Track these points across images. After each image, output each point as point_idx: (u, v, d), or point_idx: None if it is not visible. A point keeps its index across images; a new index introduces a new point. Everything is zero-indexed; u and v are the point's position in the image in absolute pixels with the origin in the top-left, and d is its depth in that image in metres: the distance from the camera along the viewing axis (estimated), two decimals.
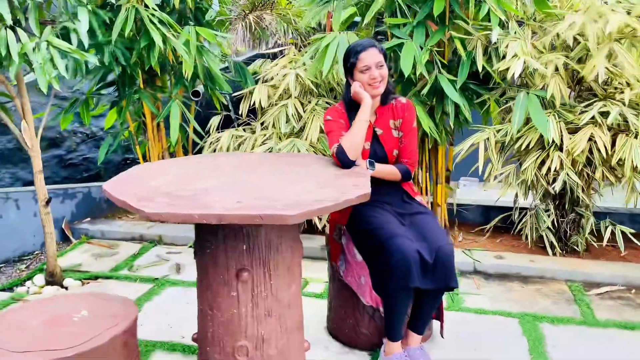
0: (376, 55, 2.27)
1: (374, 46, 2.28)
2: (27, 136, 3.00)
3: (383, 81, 2.30)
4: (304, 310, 2.12)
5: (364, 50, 2.26)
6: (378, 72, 2.27)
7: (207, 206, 1.64)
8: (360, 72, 2.27)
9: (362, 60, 2.25)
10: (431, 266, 2.17)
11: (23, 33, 2.46)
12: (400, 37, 3.13)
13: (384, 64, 2.30)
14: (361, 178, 2.02)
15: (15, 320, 1.70)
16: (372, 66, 2.25)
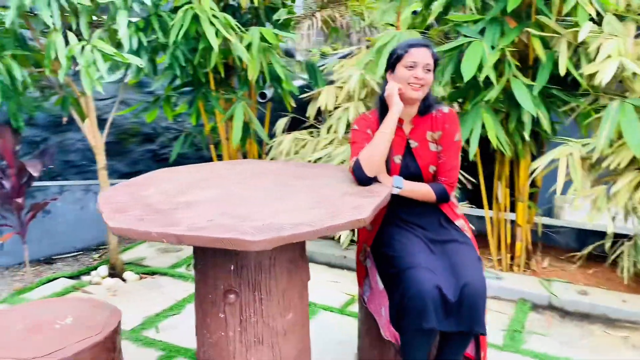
0: (427, 57, 1.99)
1: (428, 47, 2.01)
2: (90, 134, 3.15)
3: (425, 87, 2.01)
4: (343, 331, 1.94)
5: (416, 46, 2.00)
6: (424, 74, 1.99)
7: (174, 223, 1.53)
8: (403, 67, 1.99)
9: (411, 55, 1.98)
10: (454, 305, 1.85)
11: (73, 36, 2.56)
12: (468, 35, 2.78)
13: (432, 70, 2.02)
14: (369, 199, 1.78)
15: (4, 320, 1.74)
16: (419, 65, 1.98)
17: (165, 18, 3.15)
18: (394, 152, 2.09)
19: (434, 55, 2.01)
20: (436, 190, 2.07)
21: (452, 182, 2.09)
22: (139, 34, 3.07)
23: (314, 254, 3.64)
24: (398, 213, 2.14)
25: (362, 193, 1.86)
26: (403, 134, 2.10)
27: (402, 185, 2.04)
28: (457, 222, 2.14)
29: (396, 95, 2.00)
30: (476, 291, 1.85)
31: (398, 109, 1.99)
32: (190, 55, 3.33)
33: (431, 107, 2.09)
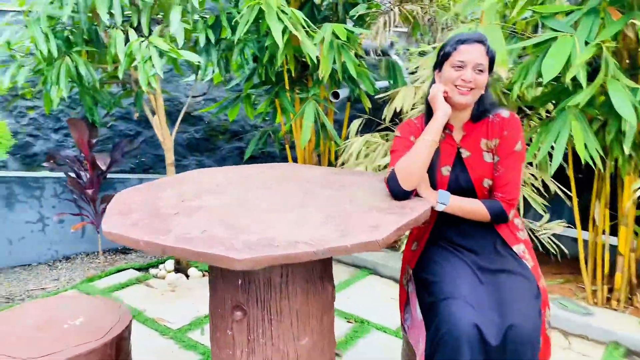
0: (479, 55, 1.69)
1: (482, 44, 1.71)
2: (159, 131, 3.18)
3: (476, 90, 1.72)
4: (392, 356, 1.73)
5: (467, 42, 1.70)
6: (473, 75, 1.70)
7: (165, 232, 1.41)
8: (451, 67, 1.72)
9: (460, 53, 1.70)
10: (496, 350, 1.55)
11: (133, 33, 2.57)
12: (557, 29, 2.38)
13: (486, 70, 1.72)
14: (396, 217, 1.53)
15: (11, 320, 1.74)
16: (468, 65, 1.69)
17: (235, 15, 3.09)
18: (442, 162, 1.81)
19: (489, 52, 1.70)
20: (491, 207, 1.76)
21: (510, 199, 1.76)
22: (208, 31, 3.04)
23: (377, 266, 3.40)
24: (445, 233, 1.86)
25: (392, 209, 1.61)
26: (453, 142, 1.81)
27: (449, 201, 1.75)
28: (515, 247, 1.80)
29: (440, 97, 1.72)
30: (524, 336, 1.53)
31: (443, 113, 1.71)
32: (261, 54, 3.25)
33: (487, 112, 1.77)
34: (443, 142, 1.81)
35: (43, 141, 4.34)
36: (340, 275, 3.40)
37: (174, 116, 5.03)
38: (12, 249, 3.69)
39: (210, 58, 3.17)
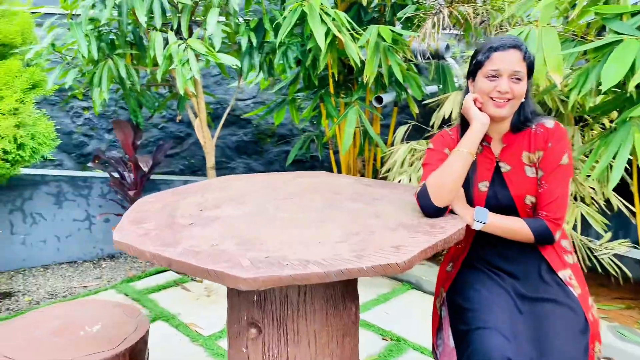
0: (515, 62, 1.53)
1: (518, 48, 1.55)
2: (200, 134, 3.17)
3: (514, 100, 1.56)
4: None
5: (501, 49, 1.55)
6: (509, 85, 1.54)
7: (174, 244, 1.34)
8: (484, 77, 1.57)
9: (493, 62, 1.55)
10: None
11: (173, 36, 2.56)
12: (621, 32, 2.15)
13: (524, 78, 1.55)
14: (424, 237, 1.40)
15: (33, 322, 1.74)
16: (503, 74, 1.54)
17: (278, 17, 3.03)
18: (480, 177, 1.65)
19: (527, 57, 1.54)
20: (534, 227, 1.58)
21: (556, 218, 1.58)
22: (250, 34, 2.99)
23: (421, 281, 3.23)
24: (484, 255, 1.70)
25: (421, 227, 1.48)
26: (492, 156, 1.65)
27: (487, 218, 1.60)
28: (561, 272, 1.62)
29: (473, 107, 1.57)
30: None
31: (480, 124, 1.56)
32: (304, 57, 3.18)
33: (529, 121, 1.61)
34: (480, 155, 1.66)
35: (97, 141, 4.45)
36: (380, 288, 3.26)
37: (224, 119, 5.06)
38: (59, 246, 3.80)
39: (253, 61, 3.13)
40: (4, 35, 2.66)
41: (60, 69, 2.71)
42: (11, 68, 2.63)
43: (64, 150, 4.29)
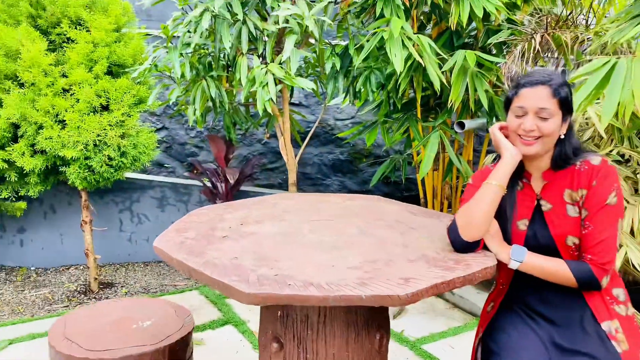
0: (542, 99, 1.46)
1: (546, 84, 1.47)
2: (284, 151, 3.33)
3: (545, 138, 1.47)
4: None
5: (528, 86, 1.49)
6: (535, 122, 1.47)
7: (201, 254, 1.46)
8: (512, 114, 1.53)
9: (520, 99, 1.50)
10: None
11: (257, 60, 2.74)
12: None
13: (554, 115, 1.47)
14: (440, 272, 1.37)
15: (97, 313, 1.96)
16: (529, 111, 1.47)
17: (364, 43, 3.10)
18: (519, 215, 1.58)
19: (557, 94, 1.44)
20: (577, 270, 1.47)
21: (603, 263, 1.45)
22: (334, 59, 3.10)
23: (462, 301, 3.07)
24: (524, 297, 1.62)
25: (444, 262, 1.46)
26: (532, 193, 1.57)
27: (524, 257, 1.51)
28: (605, 324, 1.48)
29: (502, 138, 1.52)
30: None
31: (510, 155, 1.50)
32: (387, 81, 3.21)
33: (571, 159, 1.50)
34: (520, 192, 1.58)
35: (206, 152, 4.83)
36: (452, 321, 3.15)
37: (323, 138, 5.22)
38: None
39: (338, 85, 3.23)
40: (118, 57, 3.05)
41: (160, 87, 3.03)
42: (121, 85, 3.00)
43: (177, 159, 4.72)
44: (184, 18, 2.76)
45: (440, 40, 3.46)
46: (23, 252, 3.93)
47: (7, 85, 2.84)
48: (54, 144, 2.82)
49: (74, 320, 1.91)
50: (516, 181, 1.60)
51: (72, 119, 2.81)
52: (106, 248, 4.00)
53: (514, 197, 1.58)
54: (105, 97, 2.95)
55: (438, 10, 3.37)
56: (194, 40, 2.55)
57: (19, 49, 2.82)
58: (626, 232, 2.49)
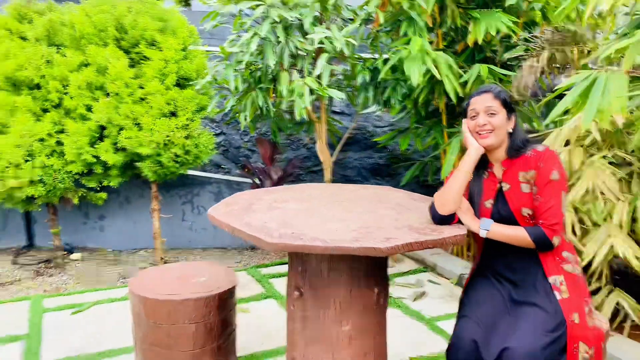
0: (487, 100, 1.91)
1: (489, 91, 1.93)
2: (321, 154, 3.84)
3: (496, 131, 1.90)
4: None
5: (476, 95, 1.96)
6: (487, 119, 1.91)
7: (242, 219, 1.99)
8: (468, 118, 1.98)
9: (472, 105, 1.95)
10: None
11: (296, 74, 3.27)
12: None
13: (499, 111, 1.90)
14: (416, 235, 1.83)
15: (167, 270, 2.54)
16: (480, 111, 1.92)
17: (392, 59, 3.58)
18: (485, 196, 2.01)
19: (498, 95, 1.89)
20: (532, 232, 1.87)
21: (552, 224, 1.84)
22: (365, 73, 3.59)
23: None
24: (492, 265, 2.04)
25: (423, 230, 1.91)
26: (495, 179, 1.99)
27: (490, 226, 1.94)
28: (552, 278, 1.88)
29: (469, 137, 1.95)
30: (515, 358, 1.67)
31: (474, 149, 1.93)
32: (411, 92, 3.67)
33: (521, 149, 1.92)
34: (487, 179, 2.01)
35: (257, 155, 5.43)
36: None
37: (362, 143, 5.70)
38: (215, 234, 4.80)
39: (368, 95, 3.72)
40: (185, 71, 3.67)
41: (219, 97, 3.62)
42: (187, 95, 3.62)
43: (232, 161, 5.33)
44: (238, 40, 3.34)
45: (463, 55, 3.88)
46: (102, 236, 4.65)
47: (96, 94, 3.52)
48: (133, 142, 3.46)
49: (147, 275, 2.49)
50: (482, 171, 2.02)
51: (147, 123, 3.45)
52: (170, 234, 4.64)
53: (481, 183, 2.01)
54: (174, 104, 3.58)
55: (460, 29, 3.80)
56: (246, 58, 3.12)
57: (107, 65, 3.49)
58: (615, 225, 2.83)
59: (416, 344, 2.97)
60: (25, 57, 3.46)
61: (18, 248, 4.60)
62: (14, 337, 2.97)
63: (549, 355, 1.74)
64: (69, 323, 3.14)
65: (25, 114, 3.46)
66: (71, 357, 2.76)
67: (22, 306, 3.36)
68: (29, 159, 3.45)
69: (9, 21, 3.64)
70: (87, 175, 3.71)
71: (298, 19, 3.19)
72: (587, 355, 1.82)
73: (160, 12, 3.71)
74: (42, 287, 3.77)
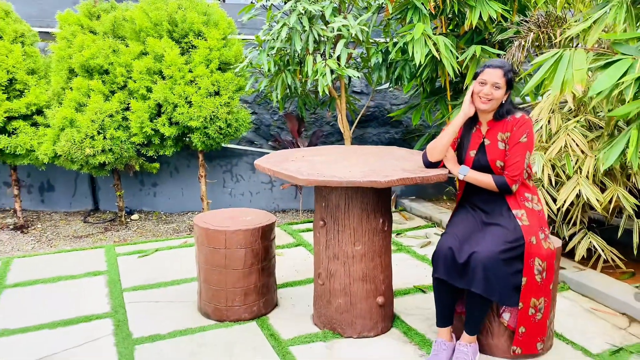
0: (497, 76, 2.45)
1: (502, 68, 2.46)
2: (341, 126, 4.50)
3: (493, 101, 2.47)
4: None
5: (490, 67, 2.48)
6: (491, 90, 2.49)
7: (279, 165, 2.68)
8: (478, 82, 2.53)
9: (484, 74, 2.48)
10: (460, 266, 2.39)
11: (319, 57, 3.93)
12: (626, 53, 2.83)
13: (503, 87, 2.46)
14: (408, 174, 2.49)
15: (219, 213, 3.25)
16: (488, 83, 2.49)
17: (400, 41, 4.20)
18: (470, 147, 2.61)
19: (507, 74, 2.45)
20: (497, 180, 2.51)
21: (514, 175, 2.46)
22: (378, 55, 4.22)
23: None
24: (470, 198, 2.68)
25: (414, 171, 2.57)
26: (481, 134, 2.59)
27: (467, 172, 2.58)
28: (515, 211, 2.51)
29: (466, 102, 2.54)
30: (478, 259, 2.33)
31: (463, 113, 2.54)
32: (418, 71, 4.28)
33: (505, 115, 2.52)
34: (474, 133, 2.61)
35: (285, 132, 6.12)
36: None
37: (380, 120, 6.31)
38: (252, 199, 5.53)
39: (381, 74, 4.35)
40: (225, 57, 4.36)
41: (254, 79, 4.31)
42: (227, 78, 4.31)
43: (263, 137, 6.02)
44: (270, 29, 4.00)
45: (464, 37, 4.47)
46: (155, 200, 5.42)
47: (155, 78, 4.24)
48: (184, 117, 4.18)
49: (207, 215, 3.20)
50: (472, 126, 2.63)
51: (196, 101, 4.16)
52: (213, 199, 5.38)
53: (469, 136, 2.63)
54: (217, 85, 4.28)
55: (459, 15, 4.38)
56: (277, 44, 3.79)
57: (162, 54, 4.21)
58: (583, 177, 3.43)
59: (420, 277, 3.64)
60: (96, 48, 4.19)
61: (86, 211, 5.42)
62: (97, 272, 3.74)
63: (506, 258, 2.39)
64: (137, 264, 3.91)
65: (98, 95, 4.20)
66: (145, 284, 3.51)
67: (98, 252, 4.14)
68: (101, 132, 4.20)
69: (81, 18, 4.38)
70: (146, 146, 4.45)
71: (320, 11, 3.83)
72: (541, 268, 2.46)
73: (204, 7, 4.40)
74: (111, 239, 4.56)
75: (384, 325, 2.86)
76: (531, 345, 2.53)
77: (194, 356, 2.61)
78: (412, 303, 3.22)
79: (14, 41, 4.35)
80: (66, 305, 3.18)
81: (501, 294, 2.39)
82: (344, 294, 2.78)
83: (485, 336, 2.60)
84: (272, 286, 3.13)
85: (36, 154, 4.38)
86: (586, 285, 3.33)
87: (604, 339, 2.78)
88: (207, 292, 3.00)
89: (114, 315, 3.06)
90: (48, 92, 4.41)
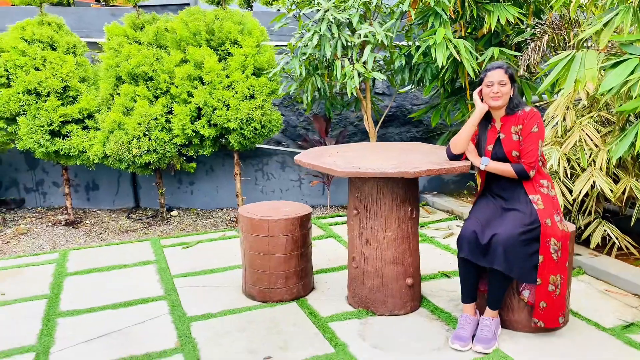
0: (500, 75, 2.78)
1: (501, 68, 2.79)
2: (367, 125, 4.80)
3: (503, 97, 2.78)
4: None
5: (492, 69, 2.82)
6: (499, 88, 2.79)
7: (317, 159, 2.99)
8: (485, 86, 2.85)
9: (488, 77, 2.81)
10: (483, 247, 2.67)
11: (346, 61, 4.23)
12: (634, 53, 3.09)
13: (507, 83, 2.77)
14: (434, 167, 2.78)
15: (263, 205, 3.58)
16: (494, 82, 2.80)
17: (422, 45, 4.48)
18: (488, 142, 2.90)
19: (507, 71, 2.76)
20: (515, 168, 2.78)
21: (530, 162, 2.74)
22: (402, 58, 4.52)
23: None
24: (491, 187, 2.96)
25: (440, 164, 2.86)
26: (495, 130, 2.88)
27: (488, 163, 2.86)
28: (531, 196, 2.79)
29: (477, 100, 2.84)
30: (499, 240, 2.61)
31: (479, 109, 2.84)
32: (439, 72, 4.56)
33: (515, 108, 2.81)
34: (490, 130, 2.90)
35: (311, 133, 6.43)
36: None
37: (402, 119, 6.59)
38: (282, 196, 5.86)
39: (404, 76, 4.64)
40: (259, 63, 4.70)
41: (286, 83, 4.63)
42: (261, 82, 4.64)
43: (290, 138, 6.35)
44: (302, 37, 4.32)
45: (482, 40, 4.73)
46: (192, 197, 5.79)
47: (195, 83, 4.60)
48: (223, 119, 4.52)
49: (250, 207, 3.53)
50: (487, 124, 2.92)
51: (233, 104, 4.50)
52: (246, 196, 5.72)
53: (486, 133, 2.92)
54: (252, 89, 4.62)
55: (478, 19, 4.65)
56: (308, 51, 4.11)
57: (202, 61, 4.56)
58: (597, 169, 3.67)
59: (444, 264, 3.92)
60: (141, 56, 4.57)
61: (129, 208, 5.81)
62: (147, 261, 4.09)
63: (524, 240, 2.66)
64: (182, 254, 4.25)
65: (143, 100, 4.57)
66: (191, 272, 3.85)
67: (145, 244, 4.49)
68: (146, 134, 4.57)
69: (127, 30, 4.76)
70: (186, 147, 4.80)
71: (348, 19, 4.14)
72: (556, 247, 2.73)
73: (239, 17, 4.74)
74: (154, 233, 4.92)
75: (413, 304, 3.15)
76: (554, 319, 2.78)
77: (244, 331, 2.93)
78: (437, 286, 3.50)
79: (67, 52, 4.75)
80: (123, 290, 3.54)
81: (520, 272, 2.66)
82: (377, 276, 3.07)
83: (507, 312, 2.88)
84: (309, 271, 3.44)
85: (87, 155, 4.76)
86: (600, 269, 3.57)
87: (616, 316, 3.03)
88: (251, 276, 3.32)
89: (167, 297, 3.40)
90: (97, 98, 4.80)
